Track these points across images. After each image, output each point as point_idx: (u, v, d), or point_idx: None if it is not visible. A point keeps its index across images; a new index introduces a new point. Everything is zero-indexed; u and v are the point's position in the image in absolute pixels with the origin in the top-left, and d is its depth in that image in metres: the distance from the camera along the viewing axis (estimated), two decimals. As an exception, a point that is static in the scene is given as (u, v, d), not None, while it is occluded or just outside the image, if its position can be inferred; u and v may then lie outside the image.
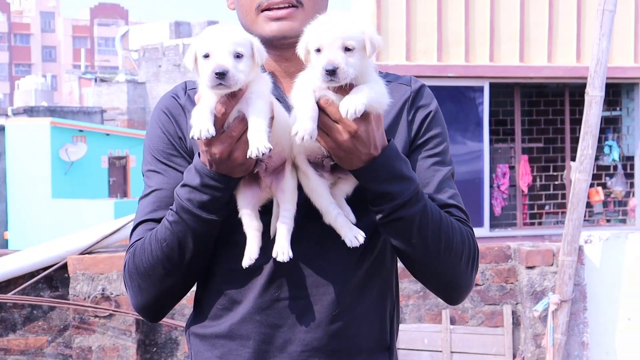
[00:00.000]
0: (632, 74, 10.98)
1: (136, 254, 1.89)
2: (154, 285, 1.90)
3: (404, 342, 6.30)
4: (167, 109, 1.99)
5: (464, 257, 1.91)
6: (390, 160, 1.77)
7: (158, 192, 1.94)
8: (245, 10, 1.97)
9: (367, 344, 1.92)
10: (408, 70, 10.38)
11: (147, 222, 1.93)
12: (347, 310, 1.89)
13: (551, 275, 6.11)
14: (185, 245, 1.83)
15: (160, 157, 1.96)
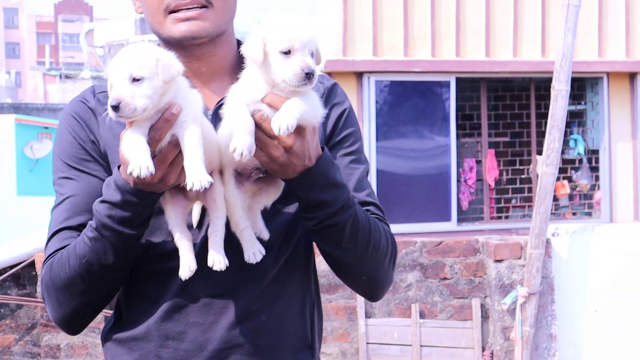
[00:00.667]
0: (596, 68, 11.07)
1: (54, 269, 1.83)
2: (74, 299, 1.84)
3: (374, 336, 6.31)
4: (76, 113, 1.93)
5: (387, 256, 1.93)
6: (324, 169, 1.75)
7: (72, 198, 1.87)
8: (152, 12, 1.92)
9: (288, 341, 1.92)
10: (375, 66, 10.41)
11: (62, 230, 1.87)
12: (266, 307, 1.88)
13: (519, 269, 6.15)
14: (106, 261, 1.78)
15: (72, 162, 1.90)
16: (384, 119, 10.68)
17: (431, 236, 7.03)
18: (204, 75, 1.94)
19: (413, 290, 6.36)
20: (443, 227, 10.74)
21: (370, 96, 10.51)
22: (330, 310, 6.32)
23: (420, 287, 6.36)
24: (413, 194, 10.81)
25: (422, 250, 6.36)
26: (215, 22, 1.88)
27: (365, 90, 10.51)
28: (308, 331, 1.97)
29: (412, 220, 10.68)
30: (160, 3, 1.89)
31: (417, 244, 6.36)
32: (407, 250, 6.35)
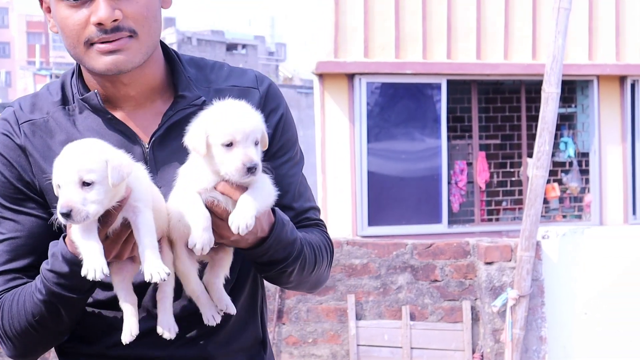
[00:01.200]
0: (586, 71, 11.09)
1: (5, 318, 1.83)
2: (28, 342, 1.85)
3: (364, 338, 6.32)
4: (6, 152, 1.85)
5: (327, 264, 2.02)
6: (278, 235, 1.79)
7: (12, 241, 1.84)
8: (72, 41, 1.80)
9: (245, 342, 1.98)
10: (367, 67, 10.42)
11: (5, 273, 1.84)
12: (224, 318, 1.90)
13: (509, 271, 6.17)
14: (58, 317, 1.79)
15: (7, 203, 1.85)
16: (375, 121, 10.69)
17: (422, 238, 7.03)
18: (134, 99, 1.88)
19: (404, 292, 6.37)
20: (434, 229, 10.75)
21: (362, 98, 10.51)
22: (320, 312, 6.32)
23: (411, 289, 6.37)
24: (404, 195, 10.82)
25: (412, 252, 6.36)
26: (140, 50, 1.80)
27: (357, 91, 10.51)
28: (259, 327, 2.02)
29: (403, 222, 10.69)
30: (79, 35, 1.78)
31: (407, 246, 6.37)
32: (397, 252, 6.36)
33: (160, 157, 1.85)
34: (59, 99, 1.89)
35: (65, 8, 1.77)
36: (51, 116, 1.87)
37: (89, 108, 1.85)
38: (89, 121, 1.85)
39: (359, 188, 10.52)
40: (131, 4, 1.77)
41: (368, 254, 6.35)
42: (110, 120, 1.85)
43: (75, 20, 1.77)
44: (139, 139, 1.85)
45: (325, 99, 10.56)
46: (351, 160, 10.53)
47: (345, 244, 6.35)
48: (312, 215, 2.01)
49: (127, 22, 1.77)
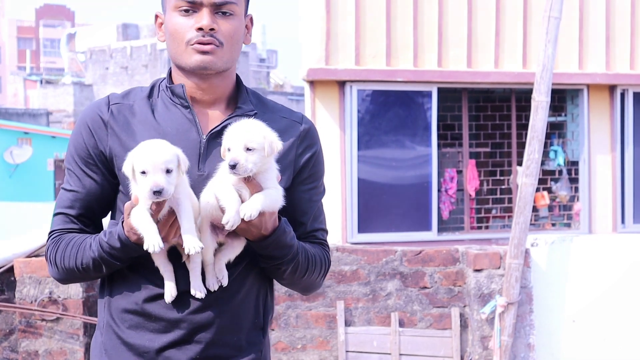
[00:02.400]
0: (576, 80, 11.14)
1: (58, 252, 2.44)
2: (70, 275, 2.46)
3: (354, 344, 6.32)
4: (91, 123, 2.45)
5: (319, 276, 2.58)
6: (277, 237, 2.34)
7: (75, 193, 2.45)
8: (177, 42, 2.42)
9: (244, 324, 2.46)
10: (357, 75, 10.44)
11: (64, 214, 2.47)
12: (227, 299, 2.42)
13: (498, 278, 6.18)
14: (100, 271, 2.41)
15: (79, 162, 2.45)
16: (366, 128, 10.70)
17: (411, 245, 7.04)
18: (206, 102, 2.47)
19: (393, 299, 6.38)
20: (423, 237, 10.76)
21: (352, 105, 10.53)
22: (310, 318, 6.32)
23: (400, 295, 6.38)
24: (394, 203, 10.83)
25: (402, 259, 6.38)
26: (223, 59, 2.41)
27: (347, 99, 10.53)
28: (261, 316, 2.52)
29: (392, 229, 10.70)
30: (183, 36, 2.40)
31: (397, 253, 6.38)
32: (387, 259, 6.37)
33: (211, 149, 2.41)
34: (146, 93, 2.50)
35: (179, 16, 2.41)
36: (136, 103, 2.47)
37: (169, 100, 2.46)
38: (164, 111, 2.45)
39: (349, 195, 10.53)
40: (225, 24, 2.41)
41: (357, 260, 6.36)
42: (185, 107, 2.44)
43: (184, 24, 2.40)
44: (200, 131, 2.43)
45: (316, 106, 10.58)
46: (341, 167, 10.54)
47: (335, 251, 6.36)
48: (319, 235, 2.60)
49: (219, 34, 2.40)
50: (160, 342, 2.38)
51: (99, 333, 2.49)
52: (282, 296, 6.29)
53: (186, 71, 2.44)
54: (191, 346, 2.39)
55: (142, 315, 2.40)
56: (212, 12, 2.40)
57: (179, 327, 2.38)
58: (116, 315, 2.44)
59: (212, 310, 2.39)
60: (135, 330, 2.41)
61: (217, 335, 2.40)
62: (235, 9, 2.43)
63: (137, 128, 2.40)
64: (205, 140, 2.41)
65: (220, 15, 2.41)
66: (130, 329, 2.41)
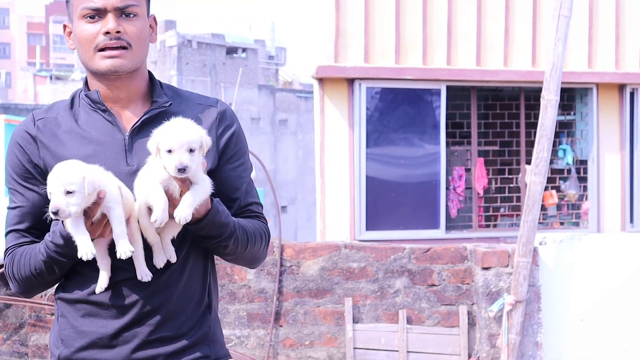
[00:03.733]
0: (586, 79, 11.13)
1: (14, 265, 2.56)
2: (29, 285, 2.59)
3: (361, 341, 6.34)
4: (21, 141, 2.59)
5: (261, 247, 2.70)
6: (212, 218, 2.46)
7: (20, 208, 2.58)
8: (85, 49, 2.55)
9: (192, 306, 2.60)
10: (366, 72, 10.45)
11: (15, 231, 2.59)
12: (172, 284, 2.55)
13: (506, 276, 6.19)
14: (53, 272, 2.52)
15: (19, 179, 2.58)
16: (374, 126, 10.71)
17: (419, 243, 7.06)
18: (123, 100, 2.60)
19: (401, 296, 6.39)
20: (431, 235, 10.77)
21: (361, 103, 10.54)
22: (317, 315, 6.34)
23: (408, 293, 6.39)
24: (402, 201, 10.84)
25: (410, 257, 6.39)
26: (132, 60, 2.55)
27: (356, 96, 10.54)
28: (206, 294, 2.65)
29: (401, 227, 10.71)
30: (91, 42, 2.54)
31: (405, 250, 6.39)
32: (395, 257, 6.38)
33: (135, 144, 2.55)
34: (67, 103, 2.64)
35: (85, 23, 2.54)
36: (59, 115, 2.61)
37: (90, 105, 2.59)
38: (86, 118, 2.58)
39: (357, 192, 10.54)
40: (130, 26, 2.54)
41: (366, 257, 6.38)
42: (103, 111, 2.57)
43: (91, 31, 2.53)
44: (122, 129, 2.56)
45: (324, 104, 10.59)
46: (350, 164, 10.55)
47: (344, 248, 6.37)
48: (254, 209, 2.72)
49: (126, 36, 2.53)
50: (113, 327, 2.52)
51: (56, 324, 2.61)
52: (290, 293, 6.31)
53: (99, 75, 2.57)
54: (142, 328, 2.53)
55: (95, 304, 2.53)
56: (117, 16, 2.53)
57: (130, 312, 2.52)
58: (71, 306, 2.56)
59: (160, 293, 2.53)
60: (88, 319, 2.54)
61: (167, 316, 2.54)
62: (138, 10, 2.57)
63: (63, 137, 2.54)
64: (129, 136, 2.55)
65: (124, 18, 2.54)
66: (84, 317, 2.54)
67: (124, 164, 2.53)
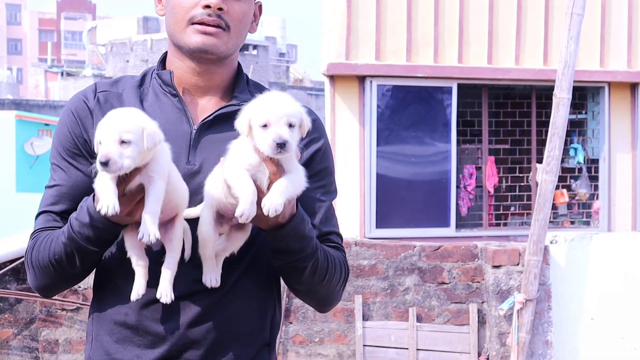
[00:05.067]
0: (598, 78, 11.09)
1: (34, 250, 2.15)
2: (47, 277, 2.16)
3: (371, 339, 6.34)
4: (75, 111, 2.21)
5: (339, 284, 2.24)
6: (295, 226, 2.02)
7: (59, 187, 2.18)
8: (177, 18, 2.17)
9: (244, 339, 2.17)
10: (378, 70, 10.44)
11: (48, 213, 2.18)
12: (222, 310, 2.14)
13: (517, 275, 6.18)
14: (72, 262, 2.09)
15: (64, 154, 2.19)
16: (385, 124, 10.70)
17: (429, 241, 7.05)
18: (200, 89, 2.23)
19: (411, 294, 6.39)
20: (441, 233, 10.75)
21: (372, 100, 10.53)
22: (328, 312, 6.34)
23: (418, 291, 6.39)
24: (412, 199, 10.83)
25: (420, 255, 6.38)
26: (226, 43, 2.17)
27: (367, 94, 10.53)
28: (267, 331, 2.22)
29: (411, 225, 10.70)
30: (186, 12, 2.15)
31: (415, 248, 6.39)
32: (405, 254, 6.38)
33: (202, 140, 2.16)
34: (137, 80, 2.25)
35: None
36: (125, 92, 2.23)
37: (159, 88, 2.21)
38: (154, 100, 2.20)
39: (367, 190, 10.54)
40: (235, 6, 2.16)
41: (376, 255, 6.38)
42: (174, 96, 2.20)
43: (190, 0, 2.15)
44: (190, 121, 2.17)
45: (335, 101, 10.59)
46: (360, 162, 10.55)
47: (354, 245, 6.37)
48: (333, 239, 2.26)
49: (227, 16, 2.15)
50: (147, 358, 2.13)
51: (88, 346, 2.25)
52: (300, 290, 6.31)
53: (184, 52, 2.20)
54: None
55: (130, 328, 2.14)
56: None
57: (167, 342, 2.12)
58: (104, 328, 2.18)
59: (205, 322, 2.13)
60: (122, 345, 2.15)
61: (211, 352, 2.14)
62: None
63: None
64: (197, 130, 2.18)
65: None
66: (117, 342, 2.16)
67: (184, 161, 2.15)
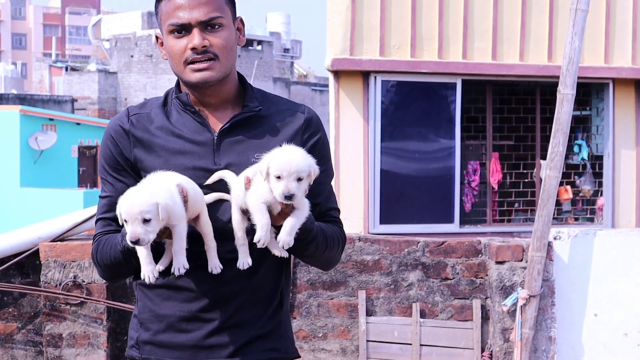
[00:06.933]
0: (602, 74, 11.08)
1: (98, 252, 2.70)
2: (111, 272, 2.73)
3: (374, 334, 6.35)
4: (114, 134, 2.72)
5: (337, 251, 2.81)
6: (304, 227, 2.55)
7: (109, 197, 2.71)
8: (175, 62, 2.67)
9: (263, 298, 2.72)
10: (382, 65, 10.43)
11: (103, 219, 2.74)
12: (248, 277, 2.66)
13: (520, 271, 6.18)
14: (130, 262, 2.61)
15: (110, 170, 2.72)
16: (389, 120, 10.70)
17: (433, 237, 7.05)
18: (212, 105, 2.72)
19: (414, 289, 6.39)
20: (445, 229, 10.75)
21: (376, 96, 10.53)
22: (331, 307, 6.35)
23: (422, 286, 6.39)
24: (416, 195, 10.83)
25: (424, 250, 6.39)
26: (220, 70, 2.65)
27: (372, 89, 10.53)
28: (279, 295, 2.77)
29: (415, 221, 10.70)
30: (180, 57, 2.65)
31: (419, 244, 6.40)
32: (409, 250, 6.38)
33: (222, 144, 2.66)
34: (161, 102, 2.76)
35: (173, 39, 2.65)
36: (152, 111, 2.74)
37: (180, 106, 2.71)
38: (177, 116, 2.71)
39: (371, 186, 10.54)
40: (215, 38, 2.63)
41: (380, 250, 6.38)
42: (193, 113, 2.70)
43: (179, 46, 2.65)
44: (211, 129, 2.68)
45: (340, 97, 10.58)
46: (364, 158, 10.55)
47: (357, 240, 6.37)
48: (333, 214, 2.83)
49: (212, 49, 2.63)
50: (189, 310, 2.66)
51: (136, 309, 2.78)
52: (303, 285, 6.32)
53: (189, 85, 2.69)
54: (214, 315, 2.66)
55: (172, 288, 2.67)
56: (202, 29, 2.63)
57: (203, 298, 2.65)
58: (150, 291, 2.71)
59: (234, 284, 2.66)
60: (165, 302, 2.68)
61: (238, 306, 2.67)
62: (223, 21, 2.65)
63: (156, 132, 2.68)
64: (217, 136, 2.67)
65: (209, 30, 2.63)
66: (162, 301, 2.69)
67: (212, 163, 2.65)
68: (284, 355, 2.79)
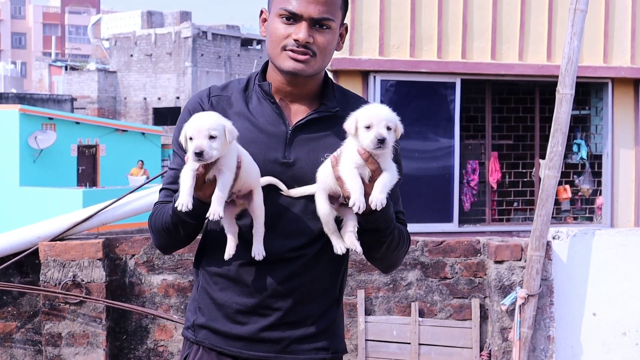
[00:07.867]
0: (601, 74, 11.10)
1: (153, 217, 2.74)
2: (161, 239, 2.74)
3: (373, 333, 6.35)
4: (193, 110, 2.71)
5: (404, 252, 2.80)
6: (386, 210, 2.55)
7: (176, 171, 2.67)
8: (273, 44, 2.67)
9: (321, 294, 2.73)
10: (381, 65, 10.45)
11: (166, 189, 2.77)
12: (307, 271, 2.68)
13: (519, 270, 6.19)
14: (177, 229, 2.64)
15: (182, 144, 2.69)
16: (389, 119, 10.70)
17: (432, 236, 7.06)
18: (292, 96, 2.73)
19: (413, 288, 6.40)
20: (444, 228, 10.77)
21: (376, 95, 10.54)
22: (358, 291, 6.36)
23: (421, 286, 6.40)
24: (415, 194, 10.84)
25: (423, 250, 6.39)
26: (314, 67, 2.65)
27: (371, 89, 10.54)
28: (337, 291, 2.80)
29: (414, 220, 10.71)
30: (280, 41, 2.64)
31: (418, 243, 6.40)
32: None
33: (295, 139, 2.68)
34: (242, 86, 2.78)
35: (280, 22, 2.64)
36: (233, 95, 2.76)
37: (261, 94, 2.72)
38: (257, 104, 2.73)
39: (370, 185, 10.54)
40: (320, 37, 2.64)
41: (379, 250, 6.38)
42: (272, 104, 2.70)
43: (283, 31, 2.64)
44: (286, 122, 2.69)
45: (339, 96, 10.58)
46: (364, 157, 10.55)
47: (356, 240, 6.37)
48: (401, 217, 2.82)
49: (314, 46, 2.64)
50: (245, 304, 2.68)
51: (195, 293, 2.81)
52: (303, 284, 6.33)
53: (278, 70, 2.68)
54: (271, 310, 2.68)
55: (231, 280, 2.70)
56: (310, 25, 2.63)
57: (261, 293, 2.66)
58: (210, 279, 2.74)
59: (293, 281, 2.67)
60: (224, 292, 2.71)
61: (296, 302, 2.68)
62: (332, 24, 2.66)
63: (233, 118, 2.63)
64: (291, 130, 2.68)
65: (317, 28, 2.64)
66: (221, 290, 2.71)
67: (281, 156, 2.66)
68: (333, 356, 2.80)
